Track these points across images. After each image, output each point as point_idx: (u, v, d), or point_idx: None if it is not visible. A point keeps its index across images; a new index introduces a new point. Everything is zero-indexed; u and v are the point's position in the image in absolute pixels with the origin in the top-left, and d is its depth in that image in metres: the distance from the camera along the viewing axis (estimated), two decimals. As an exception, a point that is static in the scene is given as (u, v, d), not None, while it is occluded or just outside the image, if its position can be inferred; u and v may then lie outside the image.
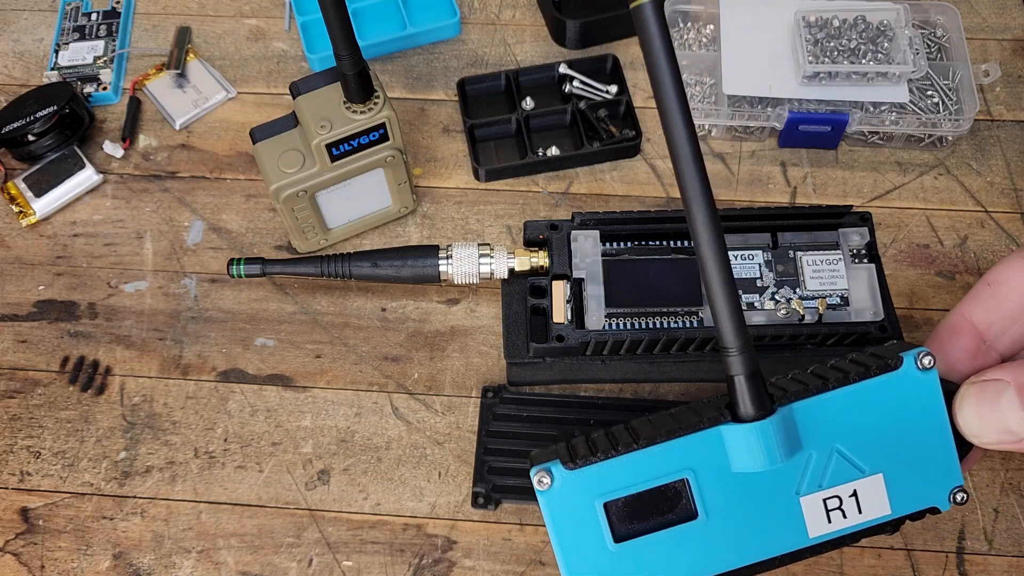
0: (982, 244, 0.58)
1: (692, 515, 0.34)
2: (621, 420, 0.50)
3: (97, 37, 0.68)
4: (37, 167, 0.61)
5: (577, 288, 0.48)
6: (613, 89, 0.63)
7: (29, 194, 0.60)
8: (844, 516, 0.33)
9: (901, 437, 0.33)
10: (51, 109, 0.59)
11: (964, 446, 0.33)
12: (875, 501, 0.33)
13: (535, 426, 0.51)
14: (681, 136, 0.28)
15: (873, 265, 0.48)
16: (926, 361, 0.33)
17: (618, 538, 0.34)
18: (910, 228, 0.58)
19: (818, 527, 0.33)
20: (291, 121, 0.53)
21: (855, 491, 0.33)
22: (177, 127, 0.63)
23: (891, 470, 0.33)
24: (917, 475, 0.33)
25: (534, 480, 0.34)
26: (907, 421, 0.33)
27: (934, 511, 0.34)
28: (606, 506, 0.34)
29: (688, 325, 0.48)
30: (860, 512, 0.33)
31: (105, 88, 0.65)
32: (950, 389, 0.33)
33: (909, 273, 0.56)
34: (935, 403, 0.33)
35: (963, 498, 0.33)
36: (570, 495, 0.34)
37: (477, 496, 0.49)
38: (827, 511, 0.33)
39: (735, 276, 0.48)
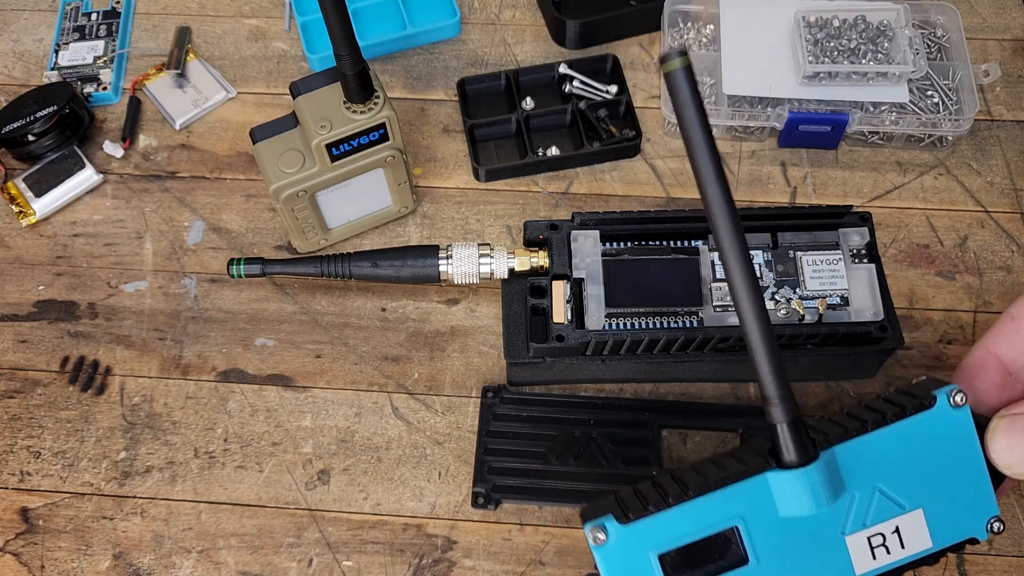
0: (982, 244, 0.58)
1: (743, 561, 0.35)
2: (621, 420, 0.51)
3: (97, 37, 0.68)
4: (37, 167, 0.61)
5: (577, 288, 0.48)
6: (613, 89, 0.63)
7: (29, 194, 0.60)
8: (888, 552, 0.35)
9: (938, 472, 0.35)
10: (51, 109, 0.59)
11: (996, 476, 0.35)
12: (917, 536, 0.35)
13: (535, 426, 0.51)
14: (717, 198, 0.29)
15: (873, 265, 0.48)
16: (958, 399, 0.34)
17: None
18: (910, 228, 0.58)
19: (864, 564, 0.35)
20: (291, 121, 0.53)
21: (897, 527, 0.35)
22: (177, 127, 0.63)
23: (930, 505, 0.35)
24: (955, 508, 0.35)
25: (589, 537, 0.35)
26: (943, 457, 0.35)
27: (972, 542, 0.35)
28: (660, 558, 0.35)
29: (688, 325, 0.48)
30: (903, 547, 0.35)
31: (105, 88, 0.65)
32: (980, 422, 0.34)
33: (909, 273, 0.56)
34: (969, 438, 0.35)
35: (1000, 527, 0.35)
36: (625, 549, 0.35)
37: (477, 496, 0.49)
38: (871, 548, 0.35)
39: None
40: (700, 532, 0.35)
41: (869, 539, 0.35)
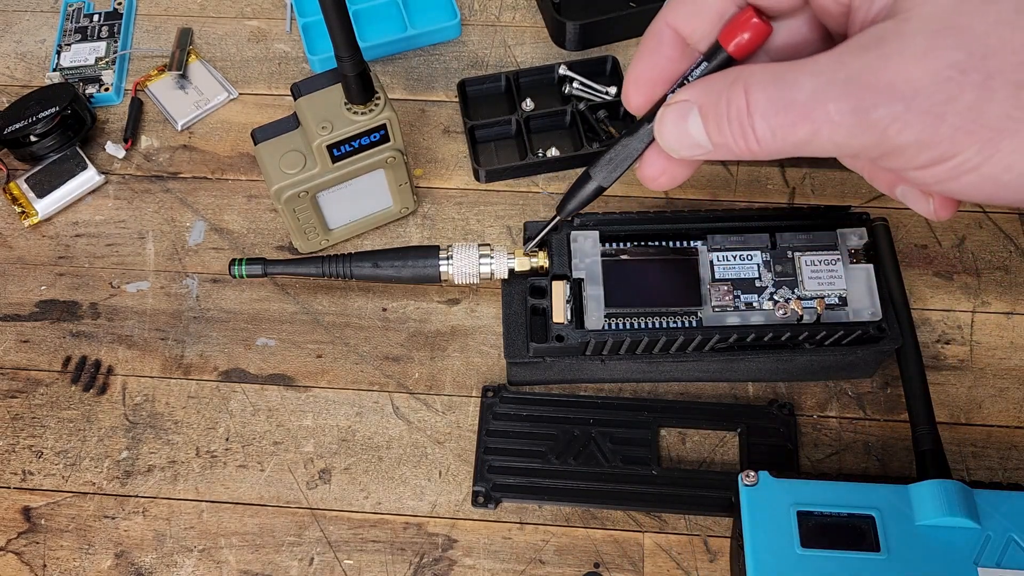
0: (980, 244, 0.58)
1: (875, 548, 0.39)
2: (620, 419, 0.51)
3: (99, 38, 0.68)
4: (39, 168, 0.61)
5: (577, 288, 0.49)
6: (613, 90, 0.63)
7: (31, 195, 0.60)
8: None
9: None
10: (53, 110, 0.60)
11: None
12: None
13: (535, 425, 0.51)
14: None
15: (871, 265, 0.49)
16: None
17: (806, 544, 0.40)
18: (908, 228, 0.59)
19: None
20: (292, 122, 0.53)
21: None
22: (179, 128, 0.64)
23: None
24: None
25: (741, 475, 0.42)
26: None
27: None
28: (800, 514, 0.40)
29: (687, 325, 0.48)
30: None
31: (107, 89, 0.65)
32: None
33: (907, 273, 0.57)
34: None
35: None
36: (769, 496, 0.41)
37: (477, 495, 0.49)
38: None
39: (734, 276, 0.48)
40: (839, 507, 0.40)
41: None
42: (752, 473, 0.42)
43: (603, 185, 0.40)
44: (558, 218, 0.44)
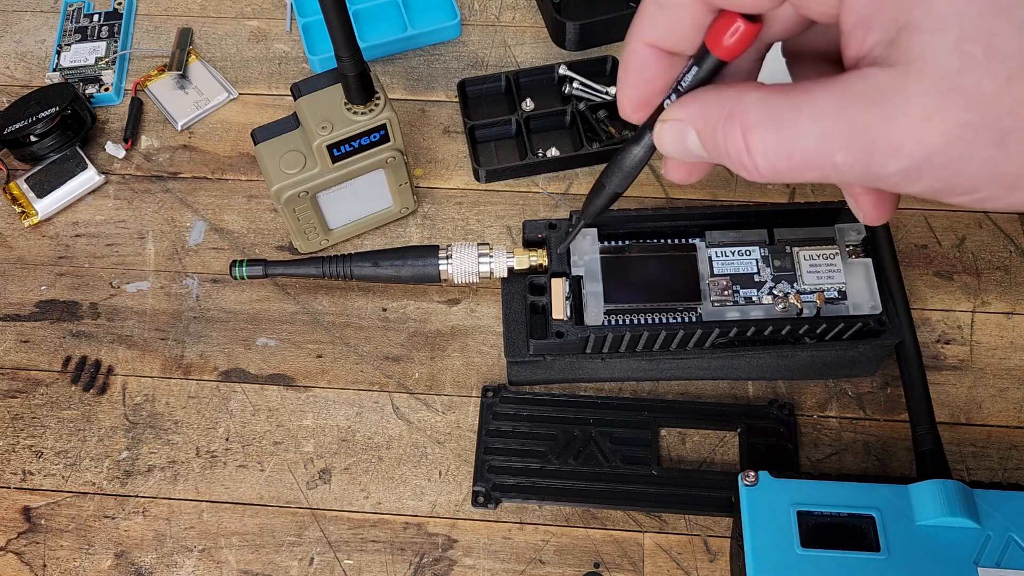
0: (980, 244, 0.58)
1: (875, 548, 0.40)
2: (620, 419, 0.51)
3: (99, 38, 0.68)
4: (39, 168, 0.61)
5: (576, 285, 0.49)
6: (612, 90, 0.63)
7: (31, 195, 0.60)
8: None
9: None
10: (53, 110, 0.60)
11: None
12: None
13: (535, 425, 0.51)
14: None
15: (870, 259, 0.49)
16: None
17: (806, 544, 0.40)
18: (908, 228, 0.58)
19: None
20: (292, 122, 0.53)
21: None
22: (179, 128, 0.64)
23: None
24: None
25: (741, 475, 0.42)
26: None
27: None
28: (800, 514, 0.41)
29: (687, 320, 0.48)
30: None
31: (107, 89, 0.65)
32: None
33: (907, 273, 0.56)
34: None
35: None
36: (769, 496, 0.42)
37: (477, 495, 0.49)
38: None
39: (733, 271, 0.48)
40: (839, 507, 0.41)
41: None
42: (752, 473, 0.42)
43: (618, 191, 0.40)
44: (583, 223, 0.44)
